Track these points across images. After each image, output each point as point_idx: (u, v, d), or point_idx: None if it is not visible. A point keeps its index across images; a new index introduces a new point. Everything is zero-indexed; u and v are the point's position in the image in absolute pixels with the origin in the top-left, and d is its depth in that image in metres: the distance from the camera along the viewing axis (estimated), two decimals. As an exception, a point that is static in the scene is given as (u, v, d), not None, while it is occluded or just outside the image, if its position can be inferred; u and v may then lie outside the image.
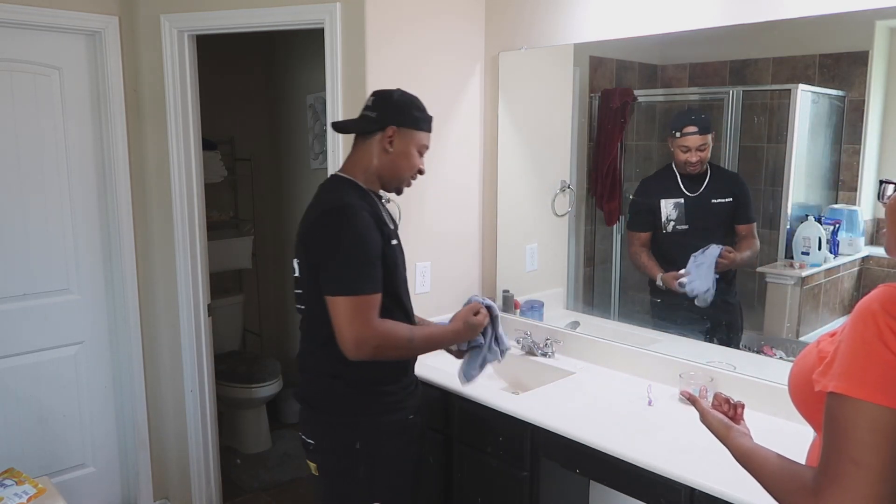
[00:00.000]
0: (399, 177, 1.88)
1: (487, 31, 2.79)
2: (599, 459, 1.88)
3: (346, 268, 1.70)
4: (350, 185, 1.84)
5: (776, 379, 2.03)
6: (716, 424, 1.21)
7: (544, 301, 2.81)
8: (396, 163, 1.85)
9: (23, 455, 2.67)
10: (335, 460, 1.85)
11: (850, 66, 2.03)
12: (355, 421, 1.82)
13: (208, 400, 2.96)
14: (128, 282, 2.84)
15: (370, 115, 1.85)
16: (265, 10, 2.55)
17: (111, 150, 2.75)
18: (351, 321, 1.68)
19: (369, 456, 1.82)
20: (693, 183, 2.42)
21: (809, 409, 1.01)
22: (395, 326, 1.77)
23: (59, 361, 2.78)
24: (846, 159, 2.09)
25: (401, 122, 1.83)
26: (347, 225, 1.71)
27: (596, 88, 2.66)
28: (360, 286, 1.69)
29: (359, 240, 1.70)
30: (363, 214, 1.73)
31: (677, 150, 2.40)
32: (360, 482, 1.83)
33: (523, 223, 2.88)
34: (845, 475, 0.85)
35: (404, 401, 1.89)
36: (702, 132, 2.36)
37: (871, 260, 2.14)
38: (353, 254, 1.70)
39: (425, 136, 1.89)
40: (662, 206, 2.47)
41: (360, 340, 1.68)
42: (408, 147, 1.85)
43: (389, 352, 1.76)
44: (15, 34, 2.53)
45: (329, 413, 1.84)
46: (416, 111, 1.87)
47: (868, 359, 0.86)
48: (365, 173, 1.86)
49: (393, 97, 1.86)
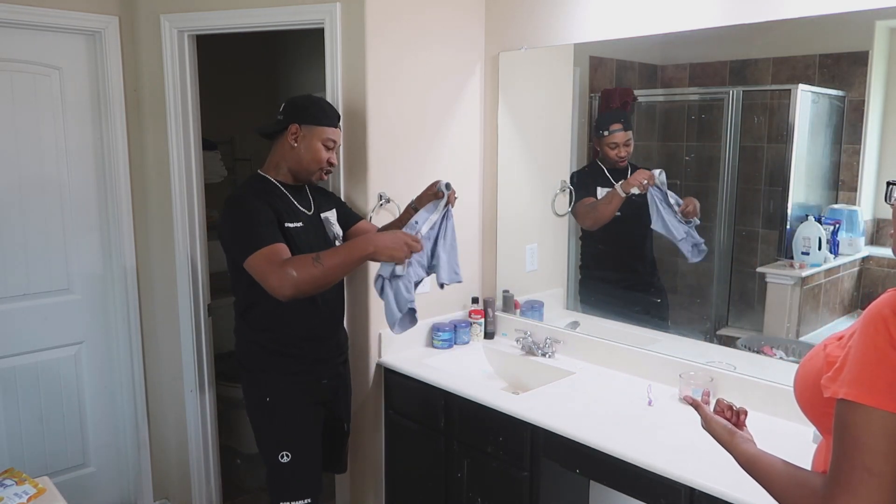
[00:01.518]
0: (306, 169, 2.12)
1: (487, 30, 2.79)
2: (599, 459, 1.88)
3: (245, 232, 1.96)
4: (256, 181, 2.14)
5: (776, 379, 2.03)
6: (719, 430, 1.20)
7: (544, 301, 2.81)
8: (301, 156, 2.10)
9: (23, 455, 2.67)
10: (254, 410, 2.19)
11: (850, 66, 2.03)
12: (266, 377, 2.15)
13: (208, 400, 2.96)
14: (128, 282, 2.84)
15: (279, 118, 2.13)
16: (265, 10, 2.55)
17: (111, 150, 2.75)
18: (265, 271, 1.89)
19: (278, 409, 2.14)
20: (618, 176, 2.59)
21: (817, 413, 1.00)
22: (296, 259, 1.92)
23: (59, 361, 2.78)
24: (846, 159, 2.09)
25: (301, 118, 2.09)
26: (237, 207, 2.02)
27: (596, 88, 2.66)
28: (259, 240, 1.93)
29: (247, 213, 1.98)
30: (252, 198, 2.02)
31: (606, 148, 2.59)
32: (271, 432, 2.17)
33: (523, 223, 2.88)
34: (858, 483, 0.84)
35: (314, 364, 2.18)
36: (626, 128, 2.57)
37: (871, 260, 2.14)
38: (245, 223, 1.97)
39: (329, 130, 2.11)
40: (599, 193, 2.66)
41: (278, 282, 1.87)
42: (311, 142, 2.10)
43: (308, 281, 1.88)
44: (15, 34, 2.53)
45: (249, 370, 2.19)
46: (315, 109, 2.11)
47: (879, 365, 0.85)
48: (276, 169, 2.15)
49: (297, 100, 2.15)
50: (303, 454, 2.16)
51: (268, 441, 2.17)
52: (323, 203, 2.26)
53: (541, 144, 2.87)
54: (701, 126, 2.43)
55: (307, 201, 2.19)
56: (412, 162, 2.60)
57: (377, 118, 2.47)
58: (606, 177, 2.62)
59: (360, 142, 2.47)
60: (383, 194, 2.51)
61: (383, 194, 2.51)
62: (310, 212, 2.17)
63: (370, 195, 2.49)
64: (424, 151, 2.64)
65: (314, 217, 2.18)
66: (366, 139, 2.46)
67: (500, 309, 2.86)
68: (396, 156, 2.56)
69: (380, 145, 2.49)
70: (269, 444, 2.16)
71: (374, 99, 2.45)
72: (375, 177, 2.50)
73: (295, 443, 2.15)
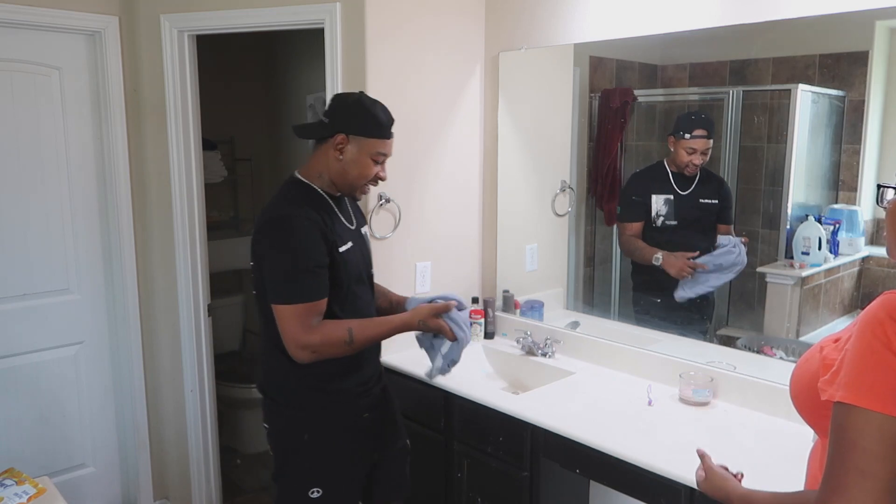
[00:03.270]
0: (351, 184, 1.88)
1: (487, 31, 2.79)
2: (599, 459, 1.88)
3: (285, 277, 1.75)
4: (300, 189, 1.87)
5: (776, 379, 2.03)
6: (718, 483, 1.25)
7: (544, 301, 2.81)
8: (347, 170, 1.84)
9: (23, 455, 2.67)
10: (284, 446, 1.93)
11: (850, 66, 2.03)
12: (304, 414, 1.90)
13: (208, 400, 2.96)
14: (128, 282, 2.84)
15: (324, 121, 1.85)
16: (265, 10, 2.55)
17: (111, 150, 2.75)
18: (290, 328, 1.74)
19: (314, 447, 1.89)
20: (684, 182, 2.47)
21: (814, 416, 1.01)
22: (333, 331, 1.78)
23: (59, 361, 2.78)
24: (846, 159, 2.09)
25: (350, 128, 1.81)
26: (287, 236, 1.75)
27: (596, 88, 2.66)
28: (297, 295, 1.74)
29: (297, 250, 1.74)
30: (303, 224, 1.75)
31: (681, 151, 2.41)
32: (304, 467, 1.91)
33: (523, 223, 2.88)
34: (851, 485, 0.84)
35: (355, 399, 1.94)
36: (709, 136, 2.39)
37: (871, 260, 2.14)
38: (291, 264, 1.74)
39: (380, 143, 1.84)
40: (654, 201, 2.51)
41: (298, 346, 1.74)
42: (359, 155, 1.83)
43: (330, 352, 1.79)
44: (15, 34, 2.53)
45: (283, 405, 1.93)
46: (367, 118, 1.82)
47: (876, 368, 0.85)
48: (320, 177, 1.88)
49: (347, 103, 1.85)
50: (335, 490, 1.93)
51: (297, 474, 1.93)
52: (359, 216, 2.03)
53: (541, 144, 2.87)
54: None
55: (348, 214, 1.95)
56: (412, 162, 2.60)
57: (377, 118, 2.46)
58: (670, 182, 2.48)
59: (360, 142, 2.47)
60: (383, 194, 2.51)
61: (383, 194, 2.51)
62: (352, 226, 1.94)
63: (370, 195, 2.49)
64: (424, 151, 2.64)
65: (356, 233, 1.95)
66: (366, 139, 2.45)
67: (500, 309, 2.86)
68: (396, 156, 2.54)
69: (380, 145, 2.49)
70: (299, 478, 1.92)
71: (374, 99, 2.45)
72: (375, 177, 2.50)
73: (329, 479, 1.91)
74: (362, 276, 1.94)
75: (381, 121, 1.83)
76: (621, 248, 2.68)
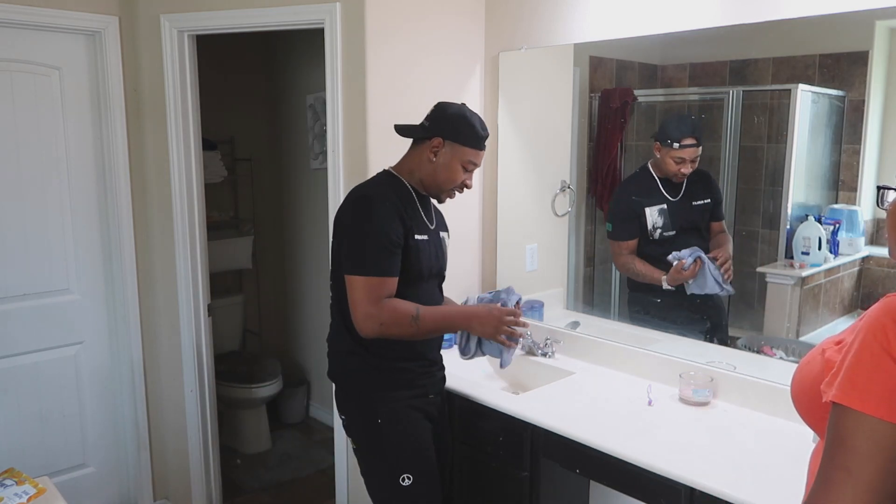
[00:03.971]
0: (438, 186, 1.98)
1: (487, 31, 2.79)
2: (599, 459, 1.88)
3: (361, 250, 1.84)
4: (390, 179, 1.99)
5: (776, 379, 2.03)
6: None
7: (544, 301, 2.81)
8: (438, 173, 1.95)
9: (23, 455, 2.67)
10: (364, 435, 1.99)
11: (850, 66, 2.02)
12: (373, 396, 1.96)
13: (208, 400, 2.96)
14: (128, 282, 2.84)
15: (424, 124, 1.97)
16: (265, 10, 2.55)
17: (111, 150, 2.75)
18: (361, 299, 1.82)
19: (391, 431, 1.94)
20: (673, 187, 2.42)
21: (815, 418, 1.00)
22: (401, 305, 1.85)
23: (59, 361, 2.78)
24: (846, 159, 2.09)
25: (447, 133, 1.93)
26: (368, 212, 1.85)
27: (596, 88, 2.66)
28: (372, 268, 1.83)
29: (377, 226, 1.83)
30: (385, 204, 1.86)
31: (670, 160, 2.36)
32: (387, 456, 1.96)
33: (523, 223, 2.88)
34: (836, 483, 0.84)
35: (419, 379, 2.00)
36: (699, 144, 2.33)
37: (871, 260, 2.14)
38: (369, 238, 1.84)
39: (473, 152, 1.95)
40: (648, 215, 2.44)
41: (366, 317, 1.81)
42: (451, 160, 1.94)
43: (394, 329, 1.85)
44: (15, 34, 2.53)
45: (350, 390, 2.00)
46: (465, 127, 1.94)
47: (873, 371, 0.85)
48: (411, 174, 1.99)
49: (448, 110, 1.96)
50: (424, 474, 1.97)
51: (384, 465, 1.96)
52: (440, 220, 2.12)
53: (541, 144, 2.87)
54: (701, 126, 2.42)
55: (430, 214, 2.05)
56: (412, 162, 2.60)
57: (377, 118, 2.47)
58: (659, 190, 2.40)
59: (360, 142, 2.47)
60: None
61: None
62: (431, 226, 2.03)
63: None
64: (424, 151, 2.64)
65: (434, 232, 2.03)
66: (366, 139, 2.46)
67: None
68: (396, 156, 2.55)
69: (380, 145, 2.49)
70: (387, 468, 1.95)
71: (374, 99, 2.45)
72: (375, 177, 2.50)
73: (415, 463, 1.95)
74: (433, 271, 2.01)
75: (477, 132, 1.96)
76: (619, 269, 2.58)
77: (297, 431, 4.00)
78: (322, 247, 2.88)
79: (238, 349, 4.11)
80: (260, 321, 4.37)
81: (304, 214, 4.00)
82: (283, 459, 3.67)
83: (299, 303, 4.19)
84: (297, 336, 4.27)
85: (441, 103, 2.00)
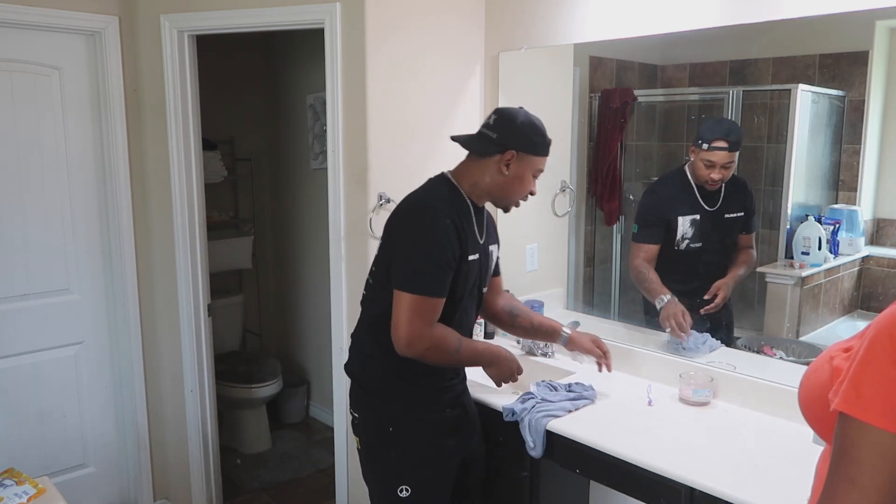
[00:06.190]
0: (509, 198, 1.93)
1: (487, 31, 2.79)
2: (599, 459, 1.88)
3: (418, 267, 1.77)
4: (450, 190, 1.89)
5: (776, 379, 2.03)
6: None
7: (544, 301, 2.81)
8: (510, 185, 1.88)
9: (23, 455, 2.67)
10: (372, 438, 1.95)
11: (850, 66, 2.03)
12: (388, 405, 1.92)
13: (208, 400, 2.96)
14: (128, 282, 2.84)
15: (490, 136, 1.87)
16: (265, 10, 2.55)
17: (111, 151, 2.75)
18: (410, 319, 1.75)
19: (400, 440, 1.90)
20: (711, 197, 2.28)
21: (824, 426, 0.99)
22: (447, 334, 1.82)
23: (59, 361, 2.78)
24: (846, 159, 2.09)
25: (521, 146, 1.85)
26: (427, 226, 1.78)
27: (596, 88, 2.66)
28: (427, 287, 1.76)
29: (436, 244, 1.77)
30: (445, 221, 1.78)
31: (699, 162, 2.23)
32: (390, 464, 1.92)
33: (523, 223, 2.88)
34: (839, 493, 0.84)
35: (439, 394, 1.94)
36: (731, 149, 2.18)
37: (871, 260, 2.14)
38: (427, 256, 1.77)
39: (542, 160, 1.91)
40: (680, 224, 2.31)
41: (413, 339, 1.76)
42: (524, 171, 1.88)
43: (436, 356, 1.82)
44: (15, 34, 2.53)
45: (368, 390, 1.95)
46: (536, 136, 1.88)
47: (879, 382, 0.84)
48: (472, 186, 1.90)
49: (517, 120, 1.87)
50: (424, 489, 1.93)
51: (385, 473, 1.94)
52: (491, 234, 2.03)
53: (541, 144, 2.87)
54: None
55: (482, 227, 1.95)
56: (412, 162, 2.60)
57: (377, 118, 2.47)
58: (696, 198, 2.25)
59: (360, 142, 2.47)
60: (383, 194, 2.51)
61: (383, 194, 2.51)
62: (481, 240, 1.94)
63: (370, 195, 2.49)
64: (424, 151, 2.64)
65: (483, 248, 1.95)
66: (366, 139, 2.46)
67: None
68: (396, 156, 2.56)
69: (380, 145, 2.49)
70: (388, 477, 1.93)
71: (374, 99, 2.45)
72: (375, 177, 2.50)
73: (416, 477, 1.92)
74: (474, 289, 1.96)
75: (547, 140, 1.90)
76: (631, 270, 2.47)
77: (297, 431, 4.00)
78: (322, 247, 2.88)
79: (238, 349, 4.11)
80: (260, 321, 4.37)
81: (304, 214, 4.00)
82: (283, 459, 3.67)
83: (299, 303, 4.19)
84: (297, 336, 4.27)
85: (504, 112, 1.91)
